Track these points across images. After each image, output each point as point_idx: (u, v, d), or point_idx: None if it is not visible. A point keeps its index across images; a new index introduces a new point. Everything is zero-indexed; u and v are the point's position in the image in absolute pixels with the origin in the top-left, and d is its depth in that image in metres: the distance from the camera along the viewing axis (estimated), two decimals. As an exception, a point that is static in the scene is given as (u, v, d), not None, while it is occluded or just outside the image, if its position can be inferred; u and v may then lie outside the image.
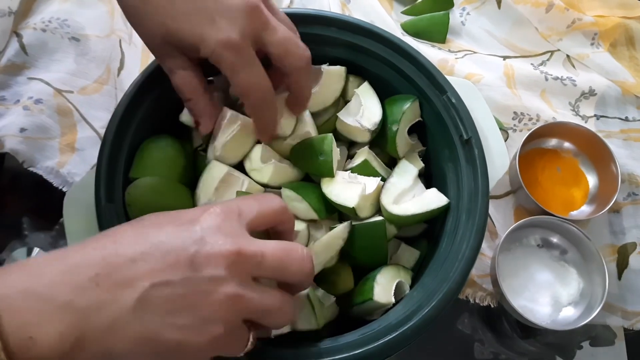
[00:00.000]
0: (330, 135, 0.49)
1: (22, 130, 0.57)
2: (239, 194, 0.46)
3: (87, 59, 0.64)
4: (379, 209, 0.49)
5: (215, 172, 0.47)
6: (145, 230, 0.33)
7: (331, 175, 0.48)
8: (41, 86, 0.61)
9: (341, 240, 0.46)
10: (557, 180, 0.65)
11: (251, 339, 0.34)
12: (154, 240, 0.32)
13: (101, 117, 0.62)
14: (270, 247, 0.34)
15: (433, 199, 0.49)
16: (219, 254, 0.32)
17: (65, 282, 0.28)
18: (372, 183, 0.48)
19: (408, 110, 0.50)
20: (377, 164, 0.51)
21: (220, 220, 0.34)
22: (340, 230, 0.46)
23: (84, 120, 0.61)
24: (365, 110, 0.51)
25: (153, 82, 0.48)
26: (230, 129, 0.47)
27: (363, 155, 0.50)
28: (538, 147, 0.66)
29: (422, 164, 0.52)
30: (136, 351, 0.29)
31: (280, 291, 0.36)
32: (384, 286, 0.45)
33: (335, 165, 0.48)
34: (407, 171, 0.50)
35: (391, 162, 0.53)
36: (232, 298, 0.31)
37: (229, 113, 0.47)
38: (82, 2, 0.67)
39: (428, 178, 0.54)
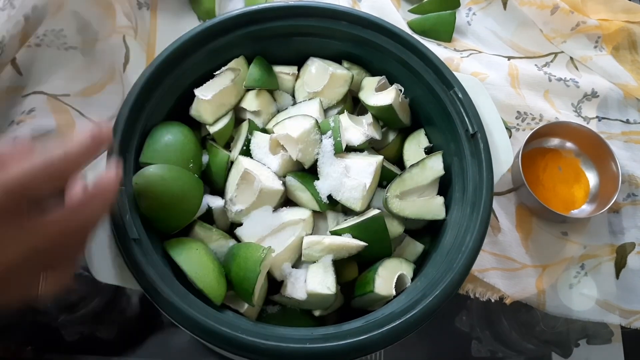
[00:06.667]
0: (338, 116, 0.51)
1: (14, 138, 0.56)
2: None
3: (86, 63, 0.63)
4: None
5: (238, 169, 0.48)
6: None
7: (340, 150, 0.49)
8: (34, 97, 0.60)
9: (356, 250, 0.47)
10: (558, 179, 0.66)
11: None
12: None
13: (103, 114, 0.61)
14: None
15: (433, 209, 0.49)
16: None
17: None
18: (367, 175, 0.49)
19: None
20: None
21: None
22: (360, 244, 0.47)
23: (82, 115, 0.60)
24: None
25: (165, 70, 0.48)
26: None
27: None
28: (540, 146, 0.67)
29: (443, 171, 0.51)
30: None
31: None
32: (385, 279, 0.46)
33: (344, 143, 0.50)
34: (433, 169, 0.50)
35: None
36: None
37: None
38: (80, 8, 0.65)
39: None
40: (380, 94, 0.53)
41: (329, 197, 0.49)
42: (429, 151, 0.53)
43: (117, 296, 0.59)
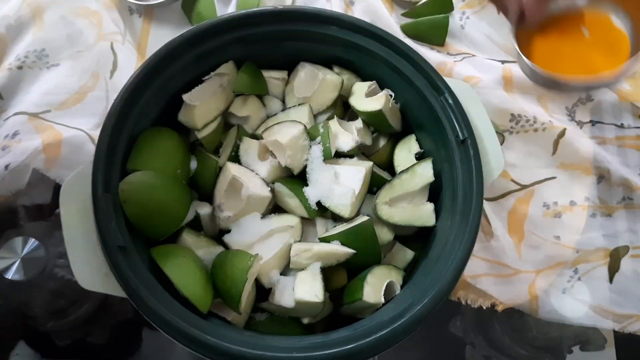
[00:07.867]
0: (327, 122, 0.51)
1: (7, 166, 0.56)
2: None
3: (66, 75, 0.62)
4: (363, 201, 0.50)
5: (226, 175, 0.48)
6: None
7: (330, 156, 0.49)
8: (15, 118, 0.59)
9: (345, 257, 0.47)
10: (585, 44, 0.48)
11: None
12: None
13: (88, 122, 0.61)
14: None
15: (422, 215, 0.49)
16: None
17: None
18: (356, 182, 0.48)
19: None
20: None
21: None
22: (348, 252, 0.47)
23: (66, 127, 0.60)
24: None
25: (153, 74, 0.48)
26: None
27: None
28: (550, 14, 0.48)
29: (433, 178, 0.50)
30: None
31: None
32: (374, 286, 0.46)
33: (333, 149, 0.49)
34: (422, 175, 0.50)
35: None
36: None
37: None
38: (61, 22, 0.64)
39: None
40: (370, 100, 0.52)
41: (318, 203, 0.48)
42: (419, 157, 0.53)
43: (108, 301, 0.59)
